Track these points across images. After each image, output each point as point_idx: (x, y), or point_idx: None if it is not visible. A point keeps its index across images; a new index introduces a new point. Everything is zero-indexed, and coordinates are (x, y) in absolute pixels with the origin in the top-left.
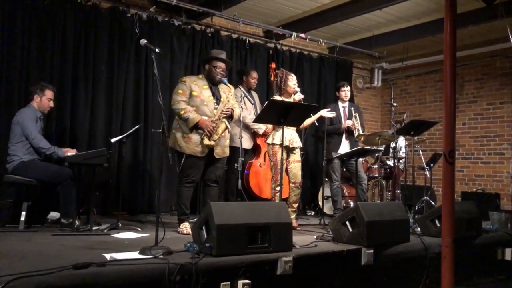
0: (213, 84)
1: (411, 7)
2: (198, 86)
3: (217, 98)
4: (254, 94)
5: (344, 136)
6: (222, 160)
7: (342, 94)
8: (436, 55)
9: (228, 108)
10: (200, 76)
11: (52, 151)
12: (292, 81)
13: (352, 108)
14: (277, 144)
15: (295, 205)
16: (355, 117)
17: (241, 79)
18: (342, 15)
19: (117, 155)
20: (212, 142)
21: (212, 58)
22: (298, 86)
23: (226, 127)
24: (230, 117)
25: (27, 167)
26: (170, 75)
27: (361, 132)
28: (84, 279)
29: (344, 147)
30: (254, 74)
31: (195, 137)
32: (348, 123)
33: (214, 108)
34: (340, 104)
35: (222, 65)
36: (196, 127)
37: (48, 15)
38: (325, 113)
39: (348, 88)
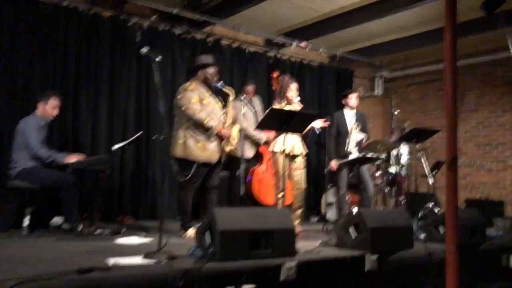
0: (212, 90)
1: (411, 16)
2: (203, 94)
3: (220, 102)
4: (256, 99)
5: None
6: (220, 167)
7: (350, 101)
8: (437, 63)
9: (234, 111)
10: (196, 82)
11: (51, 159)
12: (292, 91)
13: (357, 117)
14: (279, 151)
15: (299, 212)
16: (356, 126)
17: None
18: (343, 24)
19: (119, 161)
20: (233, 147)
21: (205, 64)
22: (299, 95)
23: (240, 130)
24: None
25: (30, 173)
26: (171, 84)
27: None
28: (88, 284)
29: (353, 155)
30: (247, 89)
31: (210, 145)
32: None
33: (221, 114)
34: (346, 112)
35: (215, 69)
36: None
37: (50, 24)
38: (317, 123)
39: (356, 94)
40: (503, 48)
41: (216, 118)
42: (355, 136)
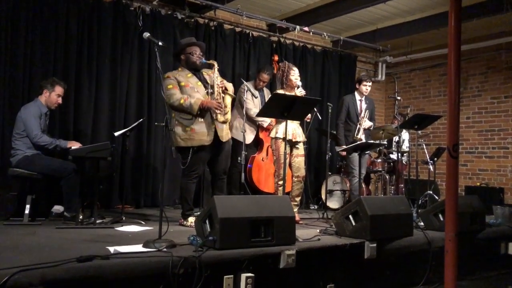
0: (196, 70)
1: (415, 0)
2: (182, 77)
3: (204, 82)
4: (266, 90)
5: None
6: (228, 148)
7: (363, 88)
8: (440, 48)
9: (222, 81)
10: (179, 69)
11: (54, 144)
12: (294, 75)
13: (367, 102)
14: (280, 138)
15: (298, 199)
16: (364, 115)
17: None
18: (346, 8)
19: (120, 148)
20: (227, 117)
21: (183, 46)
22: (301, 80)
23: (232, 98)
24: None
25: (30, 161)
26: (173, 69)
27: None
28: (88, 271)
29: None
30: (263, 76)
31: (197, 127)
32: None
33: (205, 92)
34: (357, 96)
35: (196, 49)
36: (200, 111)
37: (51, 8)
38: None
39: (370, 83)
40: (507, 32)
41: (199, 96)
42: (364, 123)
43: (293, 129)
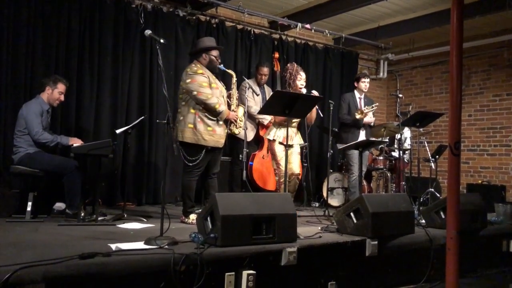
0: (213, 72)
1: None
2: (212, 77)
3: (223, 86)
4: (267, 88)
5: (361, 128)
6: (221, 151)
7: (362, 85)
8: (442, 46)
9: (238, 92)
10: (198, 65)
11: (55, 142)
12: (301, 80)
13: (366, 101)
14: (270, 139)
15: (292, 195)
16: (372, 106)
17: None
18: (348, 5)
19: (122, 146)
20: (241, 130)
21: (212, 48)
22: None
23: (244, 112)
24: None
25: (32, 158)
26: (175, 66)
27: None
28: (90, 268)
29: (362, 138)
30: (263, 70)
31: (218, 129)
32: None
33: (226, 97)
34: (357, 94)
35: (217, 52)
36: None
37: (53, 6)
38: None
39: (369, 80)
40: (509, 30)
41: (223, 101)
42: (367, 119)
43: (285, 134)
